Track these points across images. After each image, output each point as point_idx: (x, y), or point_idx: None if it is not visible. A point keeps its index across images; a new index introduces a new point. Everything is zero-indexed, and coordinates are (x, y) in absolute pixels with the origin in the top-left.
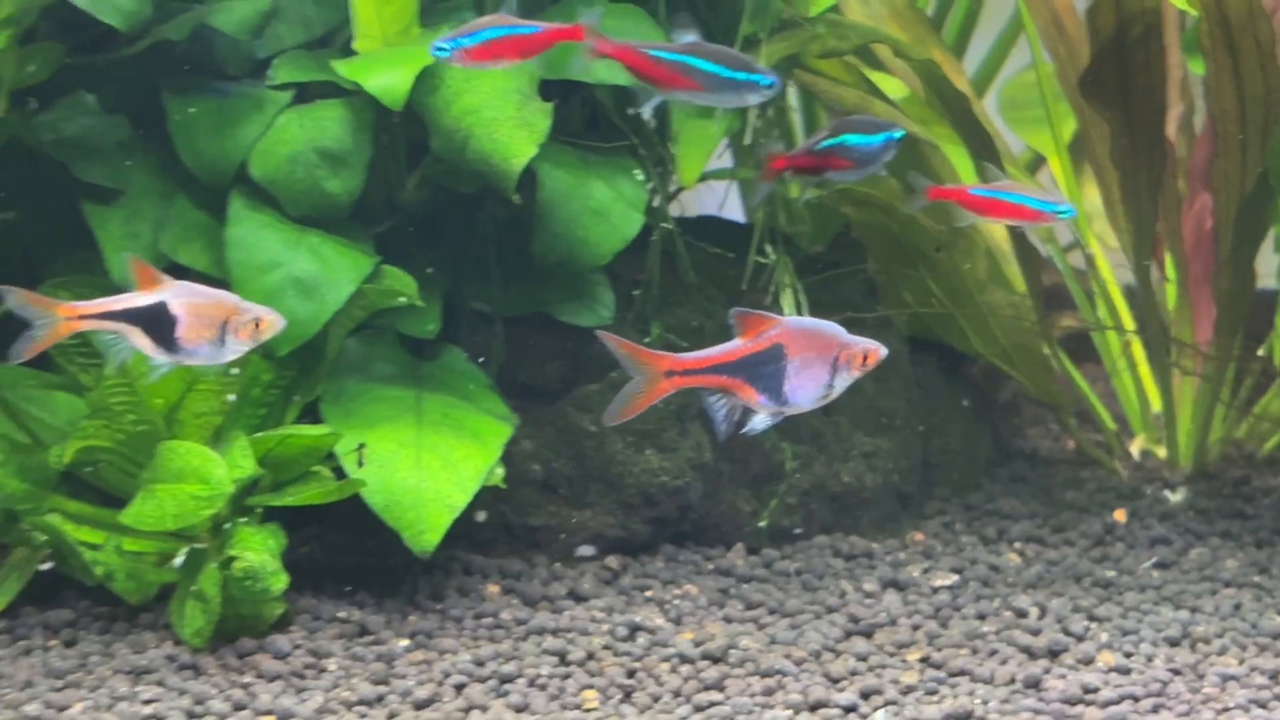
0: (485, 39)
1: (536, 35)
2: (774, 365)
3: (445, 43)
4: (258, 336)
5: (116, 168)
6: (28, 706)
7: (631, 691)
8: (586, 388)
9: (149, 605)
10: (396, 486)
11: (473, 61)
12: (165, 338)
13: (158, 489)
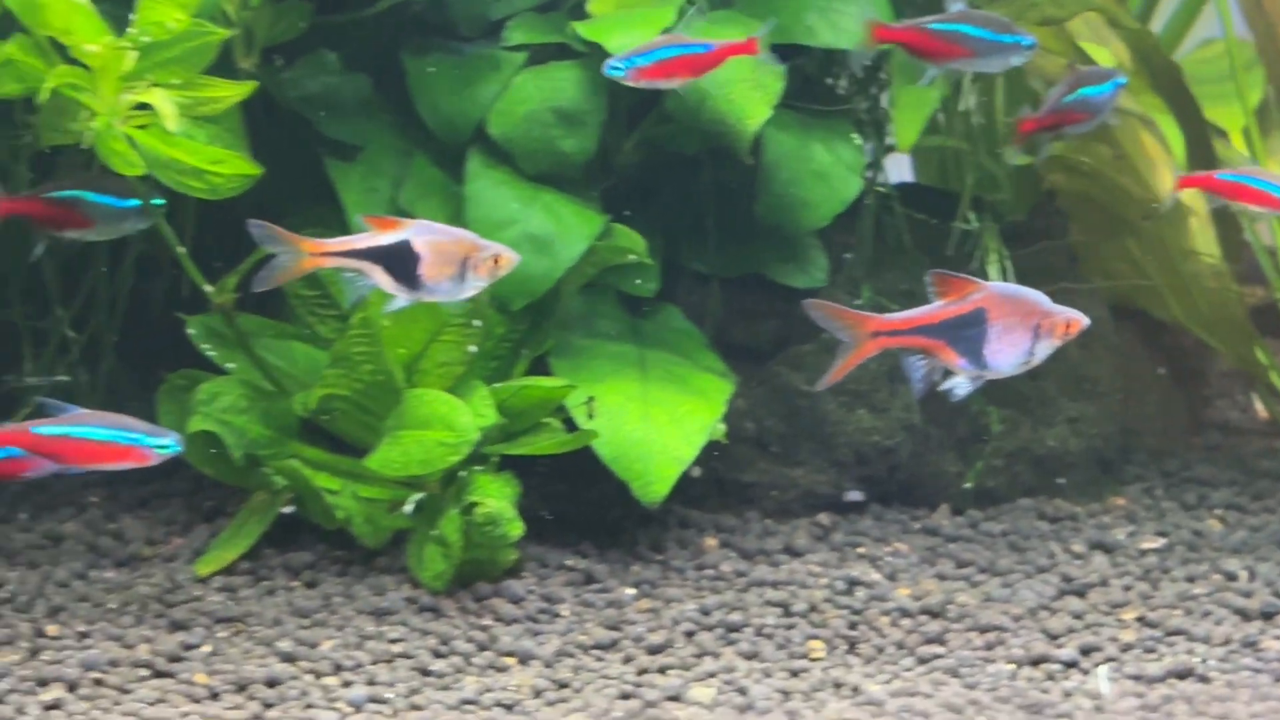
0: (659, 58)
1: (709, 53)
2: (976, 329)
3: (620, 62)
4: (496, 273)
5: (358, 124)
6: (280, 643)
7: (856, 643)
8: (799, 348)
9: (383, 549)
10: (625, 439)
11: (646, 80)
12: (407, 275)
13: (404, 435)
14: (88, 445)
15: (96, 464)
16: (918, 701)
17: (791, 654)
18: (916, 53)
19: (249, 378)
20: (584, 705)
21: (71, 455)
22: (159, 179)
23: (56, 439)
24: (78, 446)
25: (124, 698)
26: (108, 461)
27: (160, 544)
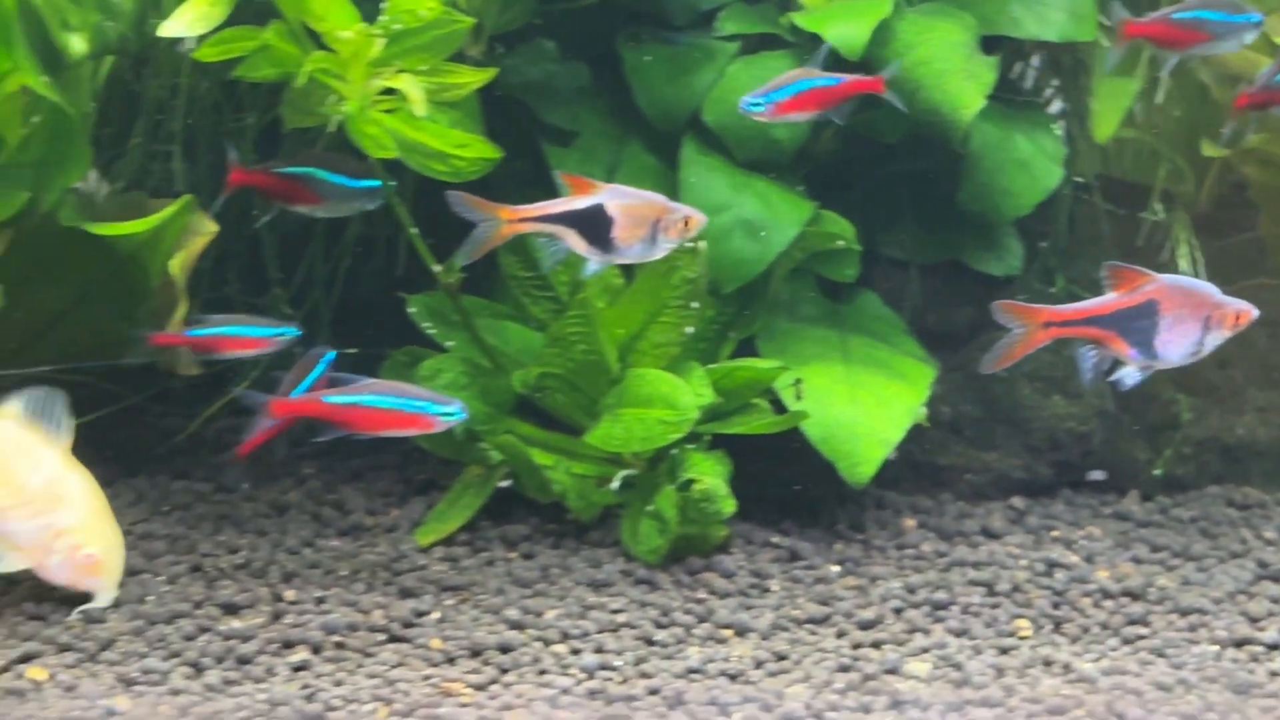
0: (795, 92)
1: (839, 86)
2: (1147, 320)
3: (758, 98)
4: (685, 234)
5: (574, 111)
6: (507, 611)
7: (1061, 623)
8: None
9: (594, 523)
10: (833, 420)
11: (781, 115)
12: (600, 238)
13: (624, 413)
14: (377, 413)
15: (385, 430)
16: (1128, 680)
17: (999, 632)
18: (1162, 43)
19: (468, 355)
20: (805, 676)
21: (361, 422)
22: (404, 162)
23: (348, 407)
24: (367, 414)
25: (366, 660)
26: (396, 428)
27: (379, 514)
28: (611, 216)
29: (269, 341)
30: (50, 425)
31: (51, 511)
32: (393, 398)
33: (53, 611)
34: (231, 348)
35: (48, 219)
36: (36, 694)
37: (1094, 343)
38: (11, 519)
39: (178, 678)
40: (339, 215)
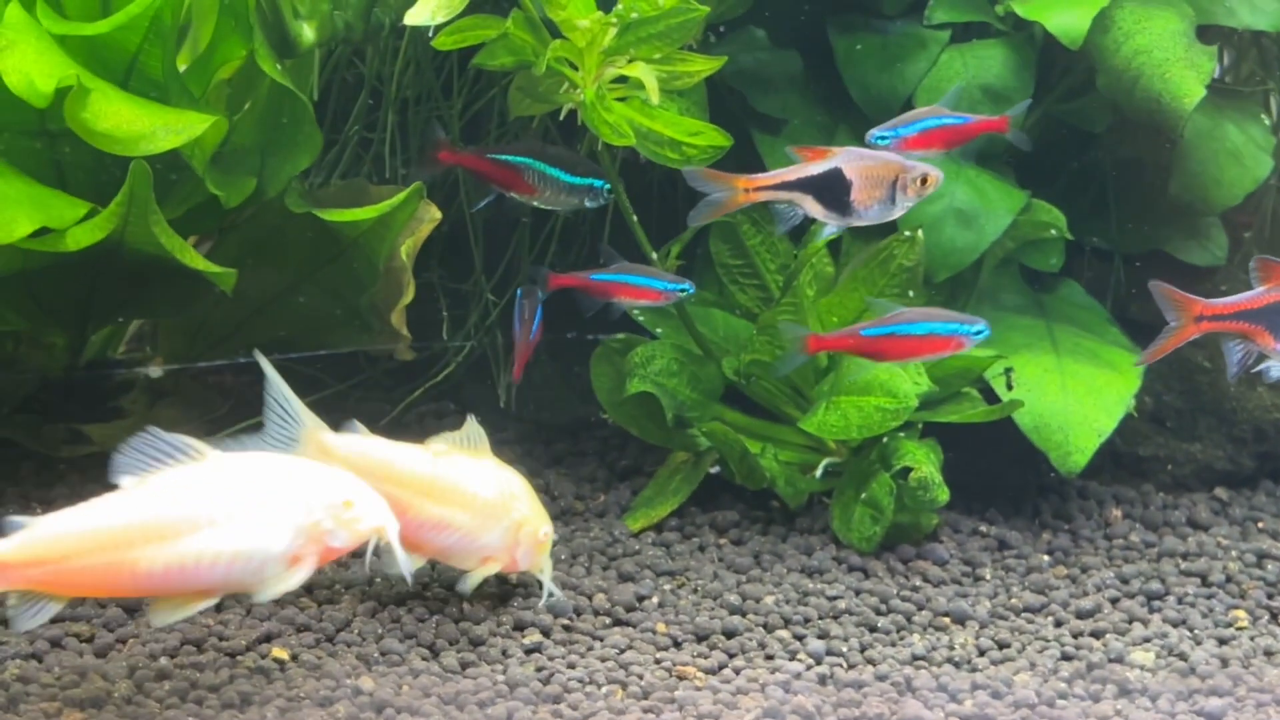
0: (922, 129)
1: (965, 126)
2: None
3: (886, 131)
4: (923, 193)
5: (785, 99)
6: (726, 596)
7: (1277, 614)
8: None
9: (800, 510)
10: (1044, 410)
11: (907, 149)
12: (838, 202)
13: (842, 401)
14: (911, 340)
15: (920, 356)
16: None
17: (1216, 622)
18: None
19: (678, 342)
20: (1029, 665)
21: (895, 351)
22: (637, 150)
23: (882, 338)
24: (901, 343)
25: (595, 643)
26: (928, 353)
27: (588, 499)
28: (849, 179)
29: (664, 295)
30: (472, 439)
31: (508, 513)
32: (925, 324)
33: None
34: (627, 295)
35: (272, 203)
36: (282, 674)
37: (1242, 337)
38: (483, 535)
39: (415, 659)
40: (558, 209)
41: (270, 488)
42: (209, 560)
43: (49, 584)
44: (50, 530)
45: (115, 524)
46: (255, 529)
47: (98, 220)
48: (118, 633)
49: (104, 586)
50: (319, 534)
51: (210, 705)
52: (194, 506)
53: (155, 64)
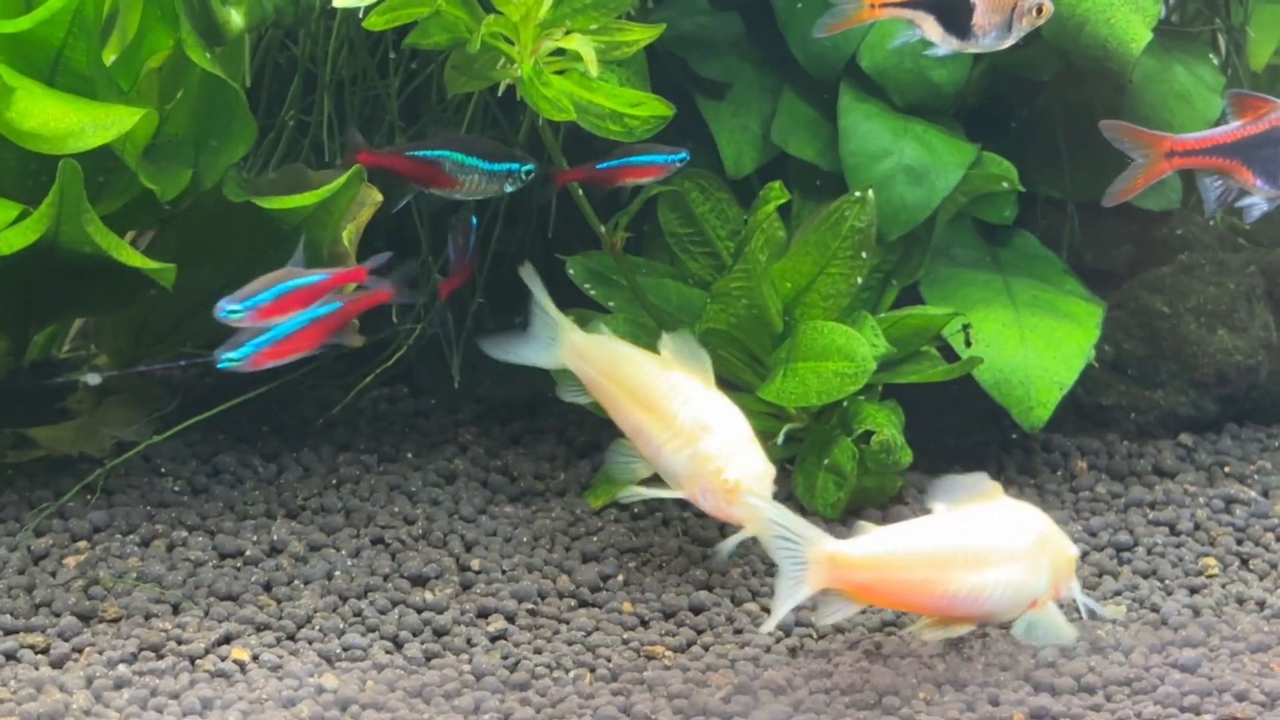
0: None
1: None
2: (1273, 148)
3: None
4: (1036, 22)
5: (728, 62)
6: (693, 571)
7: (1248, 559)
8: (1157, 270)
9: None
10: (1004, 365)
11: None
12: (958, 25)
13: (799, 367)
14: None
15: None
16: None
17: (1187, 571)
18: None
19: (631, 315)
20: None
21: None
22: (578, 124)
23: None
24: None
25: (561, 627)
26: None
27: (547, 478)
28: (973, 2)
29: (666, 167)
30: (694, 361)
31: (698, 441)
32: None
33: (243, 591)
34: (633, 176)
35: (209, 195)
36: (244, 675)
37: (1218, 173)
38: (666, 452)
39: (379, 652)
40: (478, 198)
41: (1036, 532)
42: (999, 591)
43: (865, 590)
44: (887, 542)
45: (938, 546)
46: (1031, 569)
47: (29, 222)
48: (73, 642)
49: (908, 600)
50: (1057, 582)
51: (171, 712)
52: (996, 540)
53: (80, 58)
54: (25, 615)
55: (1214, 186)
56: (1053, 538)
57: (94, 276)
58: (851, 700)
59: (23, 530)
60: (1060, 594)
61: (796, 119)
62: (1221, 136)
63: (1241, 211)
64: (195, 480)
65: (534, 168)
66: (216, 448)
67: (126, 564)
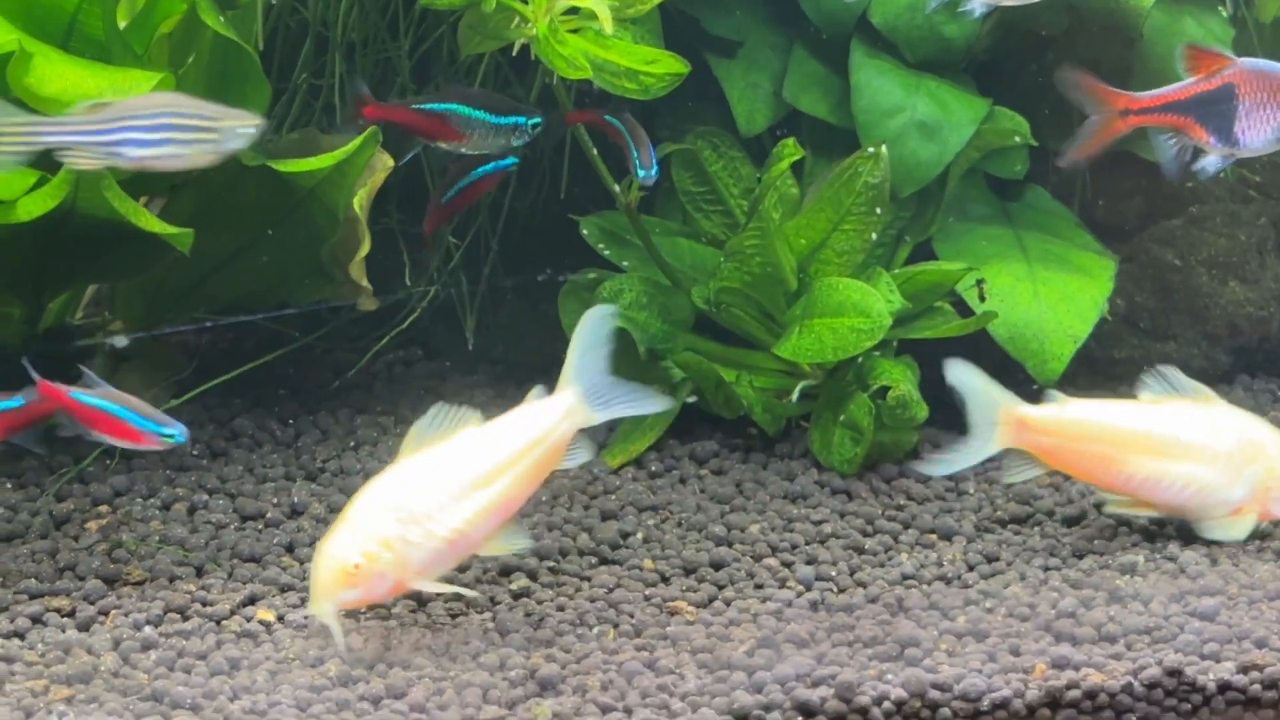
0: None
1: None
2: (1226, 105)
3: None
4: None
5: (739, 20)
6: (712, 527)
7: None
8: (1168, 222)
9: (779, 436)
10: (1018, 319)
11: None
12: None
13: (815, 323)
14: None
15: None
16: None
17: None
18: None
19: (646, 274)
20: (1019, 576)
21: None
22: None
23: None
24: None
25: (583, 584)
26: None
27: None
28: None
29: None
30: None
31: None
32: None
33: (265, 553)
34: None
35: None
36: (270, 636)
37: (1174, 130)
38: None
39: (403, 611)
40: (486, 152)
41: (1243, 439)
42: (1181, 485)
43: (1050, 454)
44: (1075, 412)
45: (1122, 426)
46: (1227, 473)
47: (48, 189)
48: (98, 605)
49: (1089, 472)
50: (1265, 495)
51: (199, 673)
52: (1186, 435)
53: (95, 23)
54: (50, 579)
55: (1169, 145)
56: (1269, 451)
57: (110, 243)
58: (874, 652)
59: (44, 495)
60: (1273, 511)
61: (808, 76)
62: (1176, 93)
63: (1197, 172)
64: (214, 444)
65: (540, 121)
66: (234, 412)
67: (148, 527)
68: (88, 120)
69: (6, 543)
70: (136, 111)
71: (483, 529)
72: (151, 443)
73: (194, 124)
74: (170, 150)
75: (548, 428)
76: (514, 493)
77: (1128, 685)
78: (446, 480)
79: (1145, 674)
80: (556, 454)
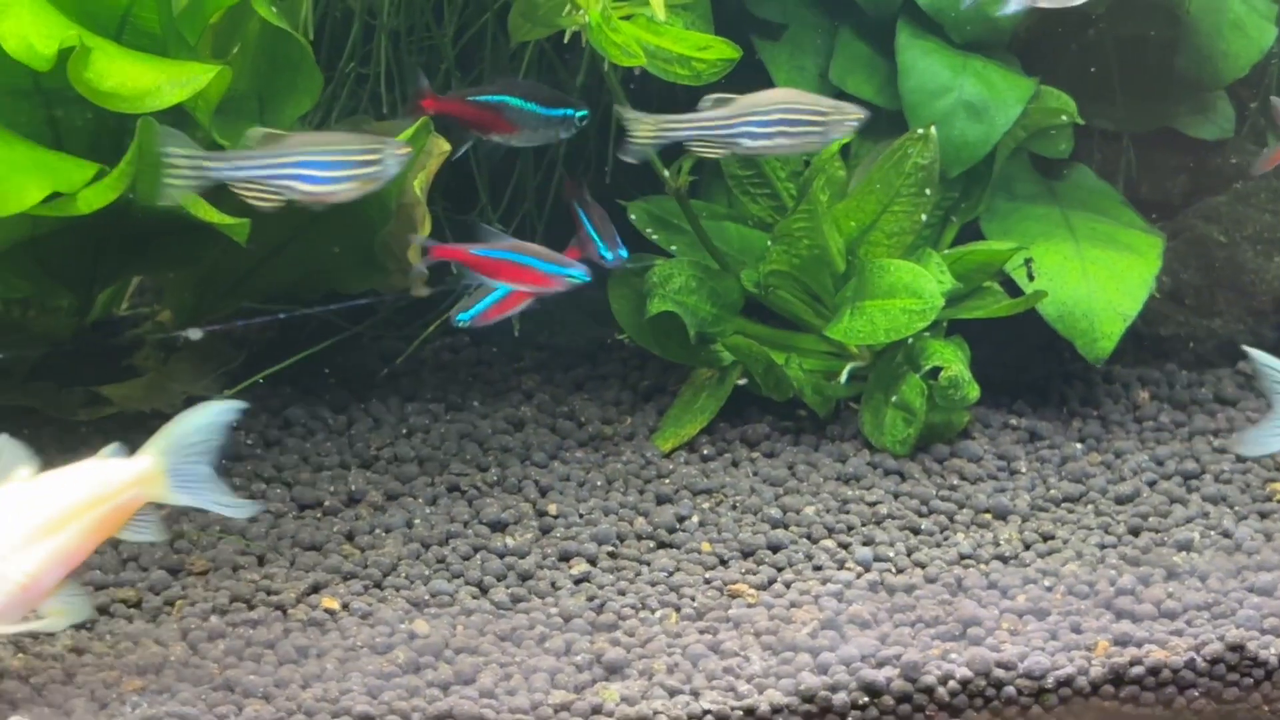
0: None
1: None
2: None
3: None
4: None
5: (784, 3)
6: (767, 509)
7: None
8: (1213, 199)
9: (829, 418)
10: (1067, 298)
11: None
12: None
13: (867, 305)
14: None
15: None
16: None
17: (1255, 497)
18: None
19: (695, 259)
20: (1076, 554)
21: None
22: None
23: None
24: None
25: (643, 568)
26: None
27: (615, 422)
28: None
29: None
30: None
31: None
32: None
33: (326, 541)
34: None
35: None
36: (335, 624)
37: None
38: None
39: (465, 597)
40: (535, 144)
41: None
42: None
43: None
44: None
45: None
46: None
47: (108, 181)
48: (164, 595)
49: None
50: None
51: (269, 661)
52: None
53: (150, 15)
54: (114, 570)
55: None
56: None
57: (163, 233)
58: (937, 632)
59: None
60: None
61: (854, 58)
62: None
63: None
64: (267, 433)
65: (587, 114)
66: (286, 401)
67: (208, 517)
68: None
69: None
70: (755, 107)
71: (46, 580)
72: (558, 285)
73: (807, 118)
74: (781, 142)
75: (114, 487)
76: (73, 547)
77: (1190, 661)
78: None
79: (1207, 649)
80: (119, 517)
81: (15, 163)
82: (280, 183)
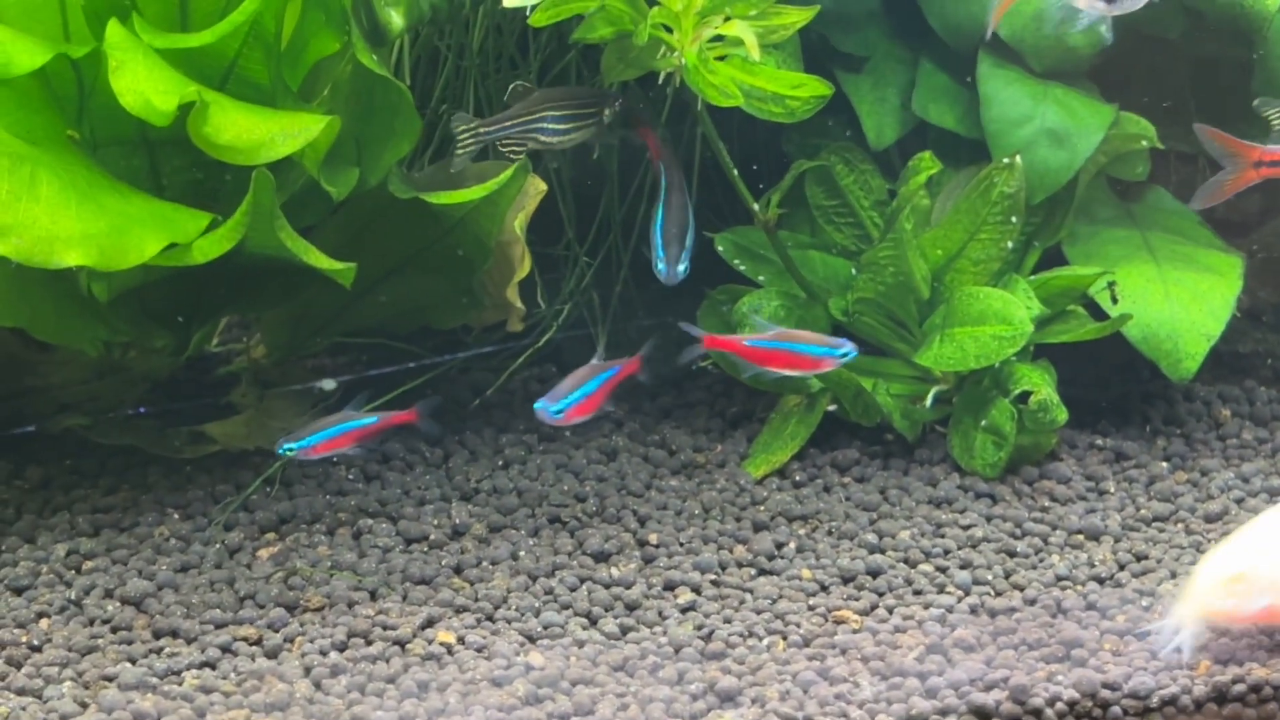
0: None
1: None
2: None
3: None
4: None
5: (866, 35)
6: (863, 535)
7: None
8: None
9: (918, 442)
10: (1151, 319)
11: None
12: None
13: (956, 332)
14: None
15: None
16: None
17: None
18: None
19: (783, 288)
20: (1171, 574)
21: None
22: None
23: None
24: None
25: (747, 596)
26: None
27: (705, 450)
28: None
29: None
30: None
31: None
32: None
33: (435, 575)
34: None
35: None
36: (453, 657)
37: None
38: None
39: (576, 628)
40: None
41: None
42: None
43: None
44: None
45: None
46: None
47: (223, 231)
48: (283, 632)
49: None
50: None
51: (391, 696)
52: None
53: (256, 67)
54: (232, 609)
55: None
56: None
57: (265, 275)
58: (1041, 654)
59: (211, 525)
60: None
61: (935, 88)
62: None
63: None
64: (368, 468)
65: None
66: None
67: (317, 553)
68: None
69: (183, 573)
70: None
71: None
72: (830, 365)
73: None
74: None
75: None
76: None
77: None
78: None
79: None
80: None
81: (133, 215)
82: (529, 135)
